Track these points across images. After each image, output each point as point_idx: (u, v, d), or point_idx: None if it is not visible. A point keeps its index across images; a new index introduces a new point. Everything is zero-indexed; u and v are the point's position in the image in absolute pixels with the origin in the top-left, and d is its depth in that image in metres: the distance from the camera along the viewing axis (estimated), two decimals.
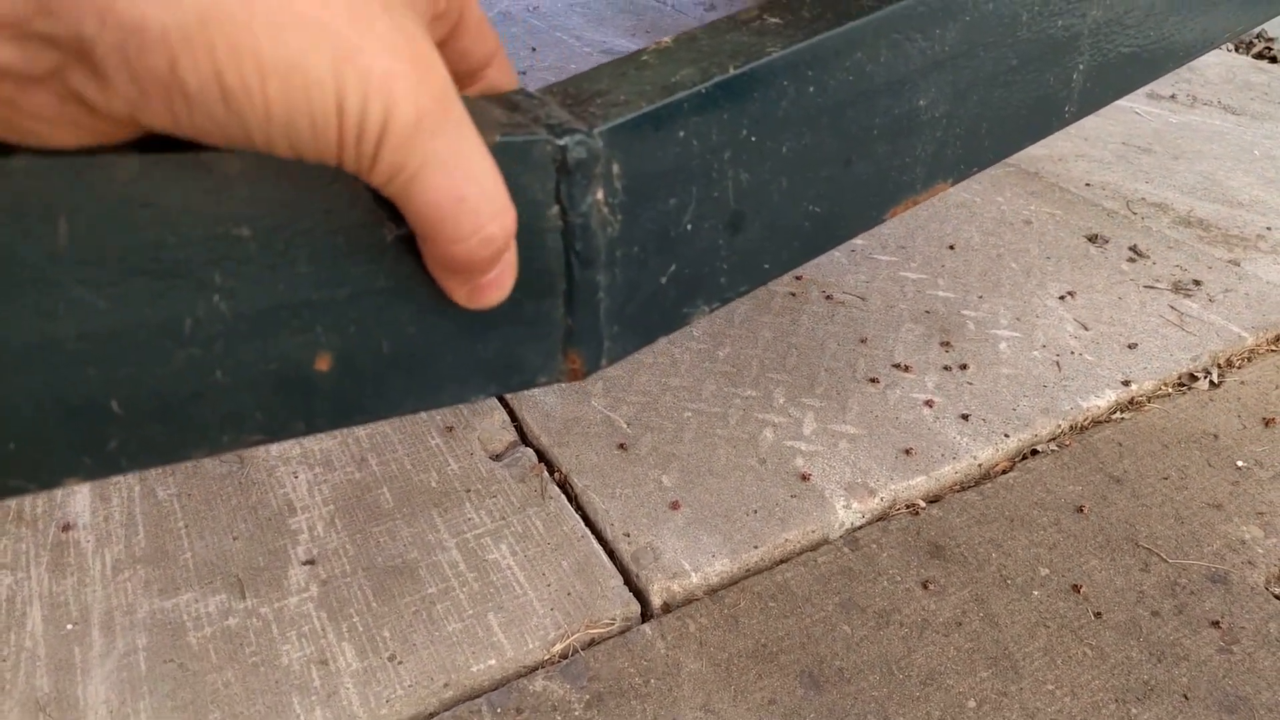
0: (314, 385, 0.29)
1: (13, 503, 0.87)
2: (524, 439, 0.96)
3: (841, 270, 1.25)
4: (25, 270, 0.23)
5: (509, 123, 0.30)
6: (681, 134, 0.36)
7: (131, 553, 0.82)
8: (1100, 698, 0.71)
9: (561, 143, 0.31)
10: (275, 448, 0.94)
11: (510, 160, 0.29)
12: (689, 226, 0.38)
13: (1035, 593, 0.80)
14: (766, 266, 0.43)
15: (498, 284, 0.29)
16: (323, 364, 0.29)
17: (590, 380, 1.03)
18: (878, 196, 0.48)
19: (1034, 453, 0.97)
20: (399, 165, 0.24)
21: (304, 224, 0.27)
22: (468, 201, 0.25)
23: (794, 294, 1.19)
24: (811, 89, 0.40)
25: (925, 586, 0.81)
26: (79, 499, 0.87)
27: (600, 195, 0.33)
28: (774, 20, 0.43)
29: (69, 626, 0.75)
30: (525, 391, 1.01)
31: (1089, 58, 0.56)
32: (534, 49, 2.10)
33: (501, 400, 1.01)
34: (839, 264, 1.26)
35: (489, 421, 0.98)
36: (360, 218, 0.27)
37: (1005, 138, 0.53)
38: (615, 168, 0.33)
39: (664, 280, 0.38)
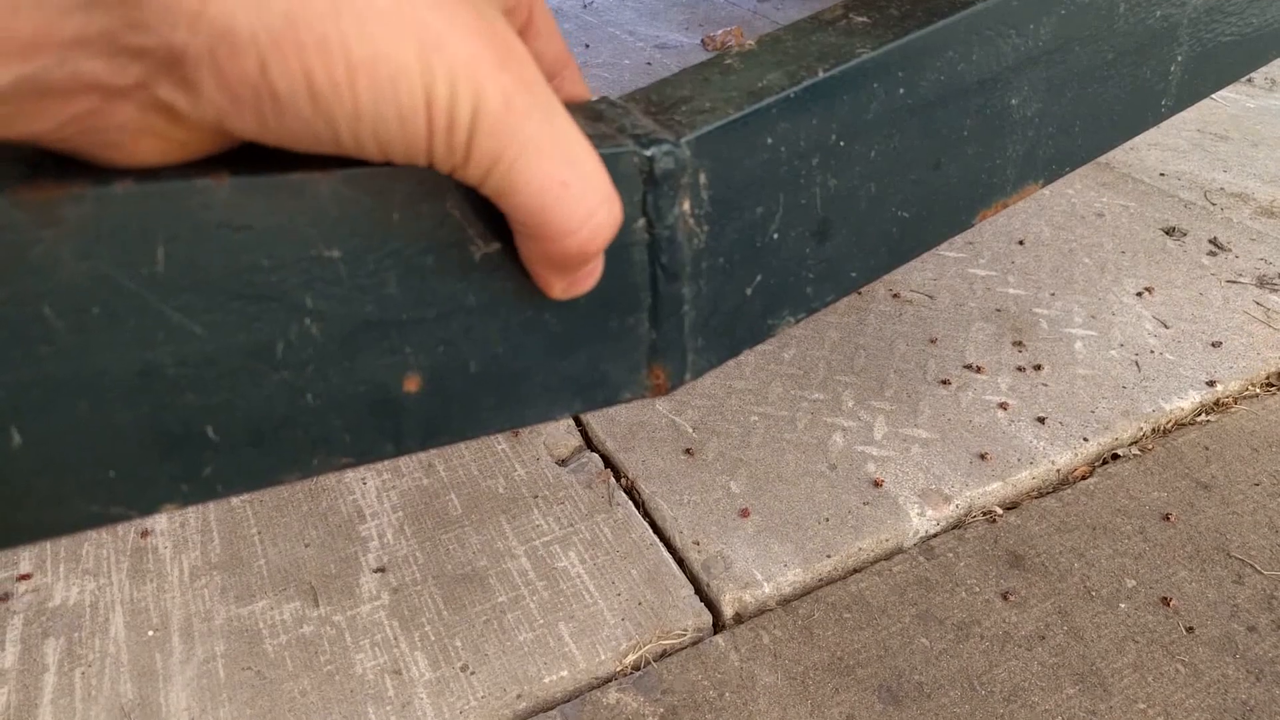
0: (402, 406, 0.29)
1: None
2: (589, 444, 0.96)
3: (908, 268, 1.22)
4: (125, 298, 0.23)
5: (593, 133, 0.29)
6: (769, 141, 0.34)
7: (208, 559, 0.83)
8: (1196, 718, 0.68)
9: (649, 153, 0.30)
10: None
11: None
12: (775, 236, 0.37)
13: (1122, 605, 0.78)
14: (854, 275, 0.42)
15: (593, 273, 0.29)
16: (411, 385, 0.29)
17: None
18: (967, 199, 0.46)
19: (1114, 457, 0.94)
20: (495, 154, 0.23)
21: (393, 244, 0.26)
22: (572, 187, 0.24)
23: (859, 293, 1.17)
24: (901, 90, 0.39)
25: (1005, 598, 0.78)
26: None
27: (687, 206, 0.32)
28: (861, 19, 0.41)
29: (150, 633, 0.76)
30: None
31: (1188, 49, 0.53)
32: (587, 45, 2.09)
33: None
34: None
35: (554, 427, 0.98)
36: (449, 236, 0.27)
37: (1099, 135, 0.51)
38: (702, 178, 0.32)
39: (749, 291, 0.37)
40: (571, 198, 0.24)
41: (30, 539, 0.26)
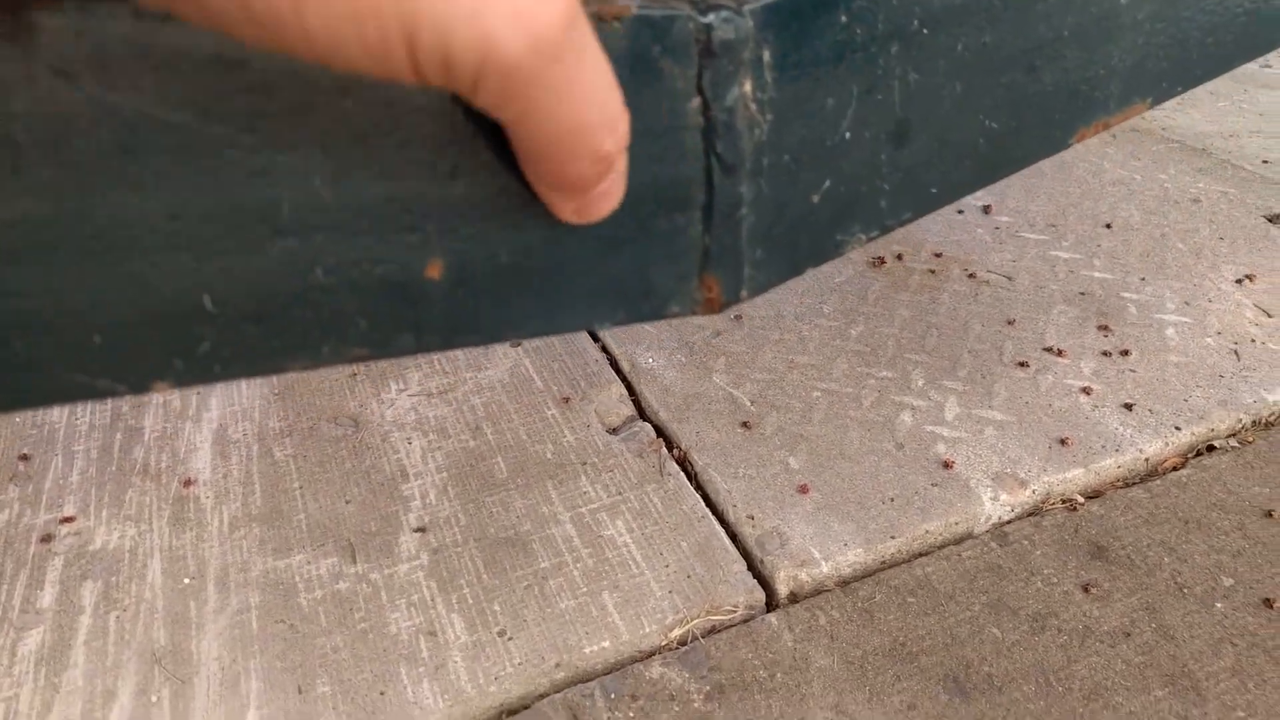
0: (424, 294, 0.25)
1: (139, 456, 0.88)
2: (642, 414, 0.92)
3: (985, 248, 1.15)
4: (110, 129, 0.20)
5: None
6: (843, 19, 0.30)
7: (248, 511, 0.81)
8: None
9: (706, 20, 0.25)
10: (389, 413, 0.92)
11: (647, 39, 0.24)
12: (848, 134, 0.32)
13: (1218, 605, 0.71)
14: (934, 190, 0.37)
15: (608, 194, 0.25)
16: (434, 271, 0.25)
17: (711, 355, 0.98)
18: (1065, 113, 0.41)
19: (1210, 449, 0.86)
20: (505, 101, 0.19)
21: (418, 100, 0.22)
22: (586, 126, 0.21)
23: (933, 271, 1.11)
24: None
25: (1086, 590, 0.72)
26: (200, 456, 0.87)
27: (748, 87, 0.27)
28: None
29: (186, 580, 0.74)
30: (645, 365, 0.97)
31: None
32: None
33: (619, 373, 0.97)
34: (982, 241, 1.17)
35: (606, 395, 0.94)
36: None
37: (1219, 50, 0.45)
38: (766, 55, 0.28)
39: (816, 198, 0.32)
40: (581, 134, 0.21)
41: (7, 407, 0.23)
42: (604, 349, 1.02)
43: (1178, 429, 0.86)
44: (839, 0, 0.30)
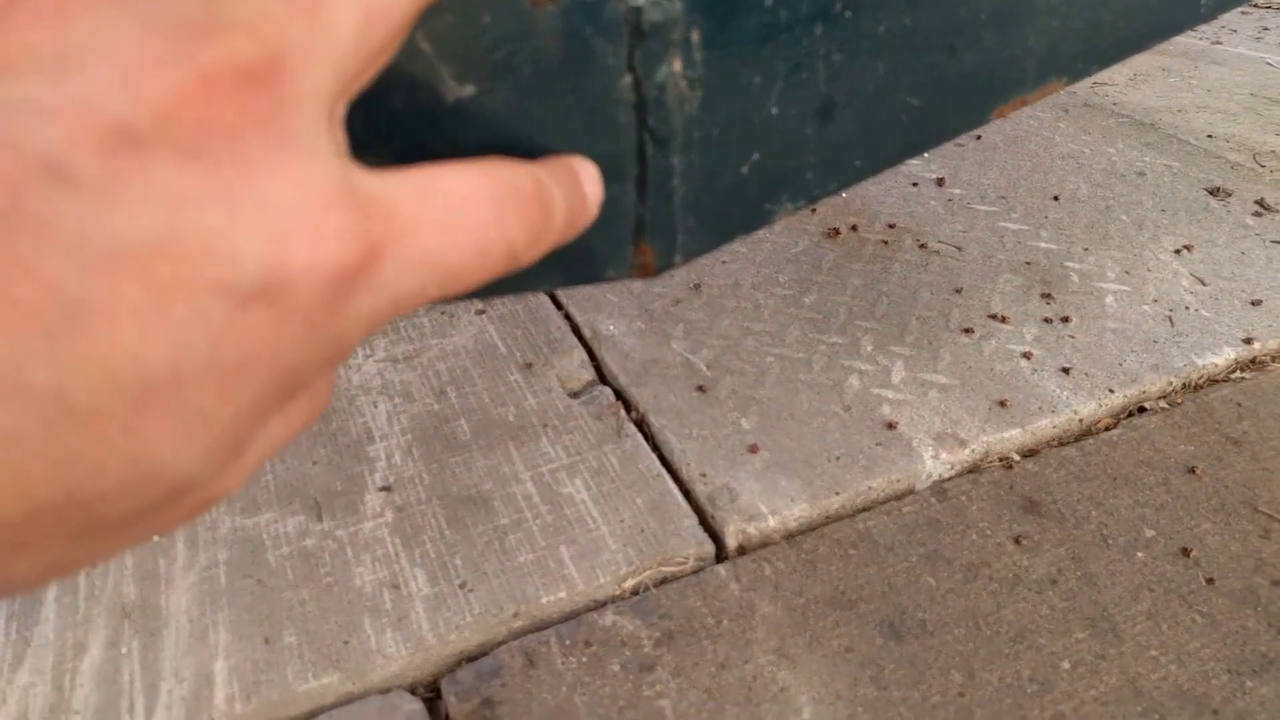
0: None
1: None
2: (602, 378, 0.95)
3: (937, 219, 1.19)
4: None
5: None
6: (769, 2, 0.32)
7: None
8: (1211, 667, 0.66)
9: (636, 3, 0.28)
10: (356, 378, 0.94)
11: (579, 21, 0.27)
12: (775, 110, 0.35)
13: (1139, 554, 0.75)
14: (859, 163, 0.40)
15: (571, 226, 0.25)
16: None
17: (670, 323, 1.01)
18: (984, 92, 0.43)
19: (1141, 410, 0.91)
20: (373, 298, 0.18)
21: None
22: (491, 239, 0.20)
23: (886, 242, 1.14)
24: None
25: (1018, 542, 0.76)
26: None
27: (677, 66, 0.30)
28: None
29: (155, 538, 0.77)
30: (605, 332, 0.99)
31: None
32: None
33: (581, 340, 1.00)
34: (935, 213, 1.20)
35: (568, 360, 0.97)
36: (419, 72, 0.25)
37: (1132, 31, 0.48)
38: (694, 35, 0.30)
39: (745, 170, 0.35)
40: (496, 244, 0.21)
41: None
42: (566, 316, 1.04)
43: (1111, 391, 0.91)
44: None
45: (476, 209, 0.20)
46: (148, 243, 0.14)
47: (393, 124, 0.26)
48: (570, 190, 0.26)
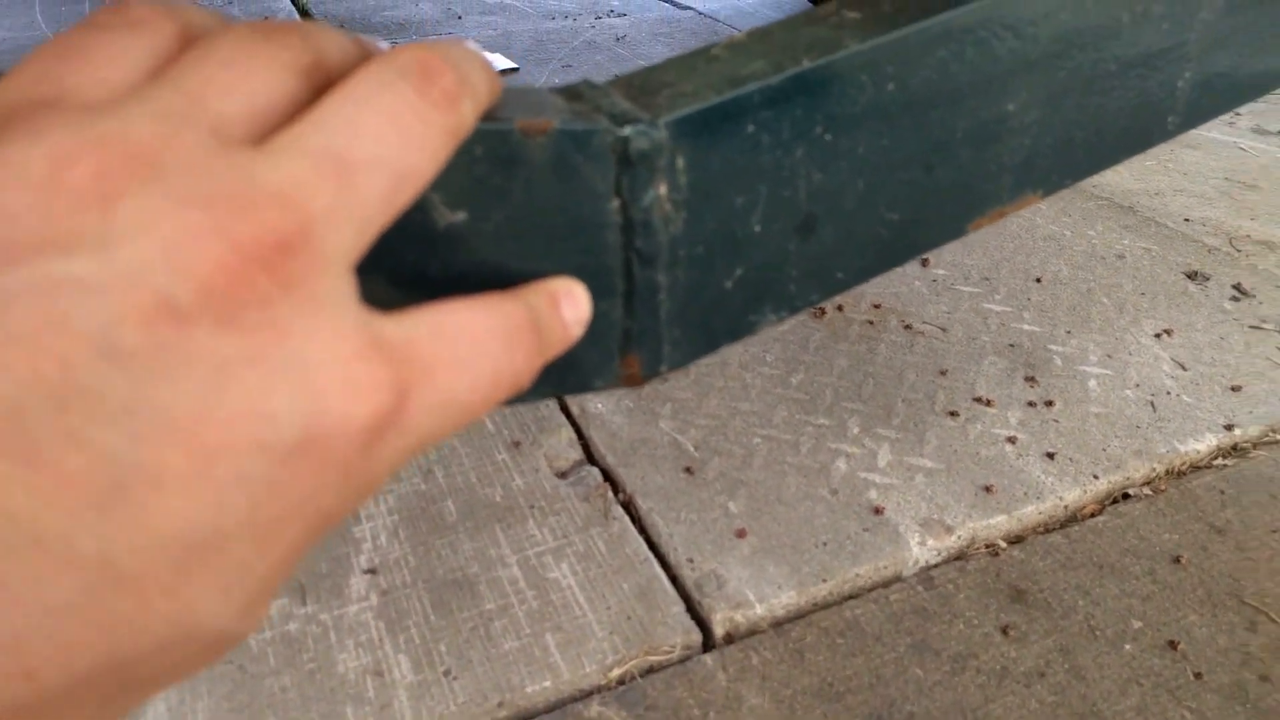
0: None
1: None
2: (590, 458, 0.95)
3: (922, 300, 1.21)
4: None
5: (569, 110, 0.29)
6: (751, 128, 0.34)
7: None
8: None
9: (623, 133, 0.29)
10: None
11: (569, 149, 0.28)
12: (757, 228, 0.36)
13: (1127, 646, 0.75)
14: (840, 275, 0.41)
15: (566, 337, 0.28)
16: None
17: (659, 402, 1.02)
18: (961, 206, 0.45)
19: (1125, 496, 0.91)
20: (417, 441, 0.19)
21: None
22: (501, 371, 0.22)
23: (872, 322, 1.16)
24: (891, 86, 0.38)
25: (1005, 632, 0.76)
26: None
27: (663, 190, 0.31)
28: (852, 15, 0.41)
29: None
30: (594, 410, 1.00)
31: (1196, 65, 0.52)
32: (617, 75, 2.11)
33: (569, 418, 1.00)
34: (919, 294, 1.22)
35: (556, 439, 0.97)
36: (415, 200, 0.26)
37: (1102, 148, 0.50)
38: (679, 161, 0.32)
39: (729, 284, 0.36)
40: (507, 372, 0.22)
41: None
42: None
43: (1096, 477, 0.91)
44: (747, 111, 0.34)
45: (485, 345, 0.21)
46: (191, 410, 0.14)
47: (386, 249, 0.27)
48: (552, 315, 0.27)
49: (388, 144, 0.18)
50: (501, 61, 2.13)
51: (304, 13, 2.64)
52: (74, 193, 0.15)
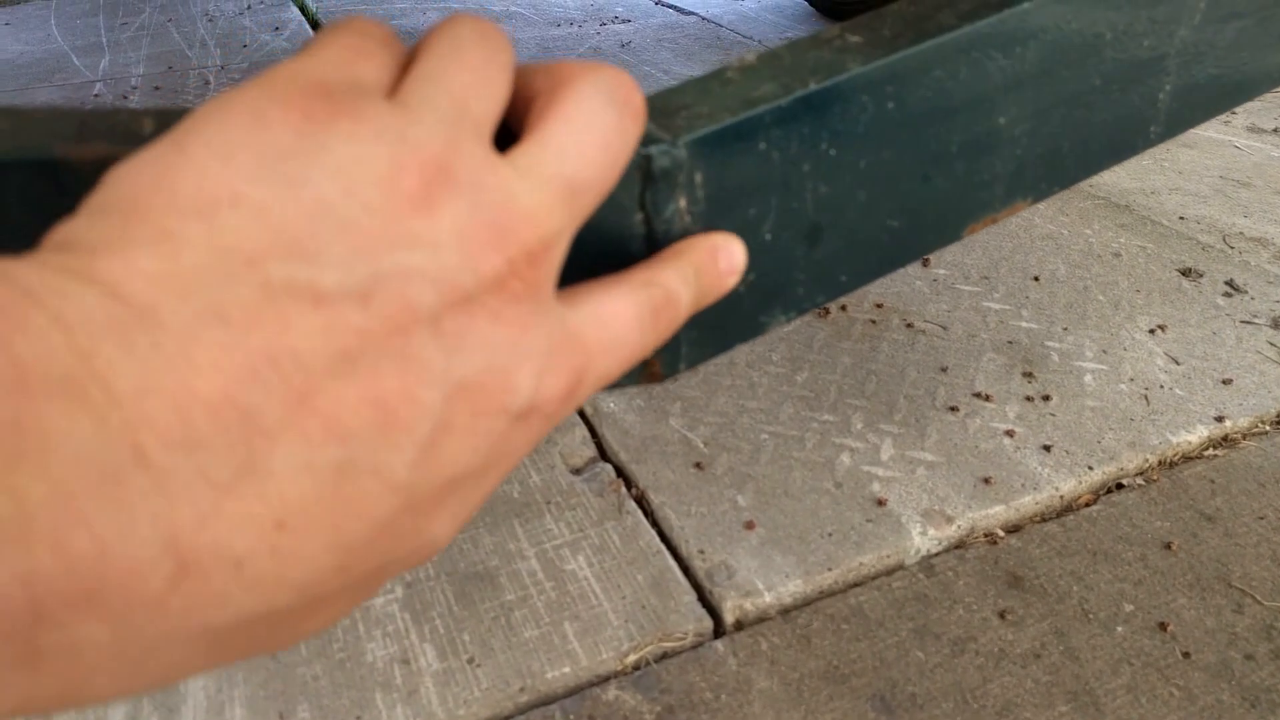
0: None
1: None
2: (603, 455, 0.99)
3: (923, 299, 1.24)
4: None
5: None
6: (762, 146, 0.38)
7: None
8: None
9: (647, 152, 0.33)
10: None
11: None
12: (768, 236, 0.40)
13: (1119, 629, 0.78)
14: (844, 279, 0.45)
15: (716, 291, 0.33)
16: None
17: (668, 400, 1.05)
18: (956, 213, 0.49)
19: (1119, 486, 0.95)
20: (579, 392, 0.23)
21: None
22: (637, 348, 0.26)
23: (874, 321, 1.19)
24: (891, 105, 0.42)
25: (1002, 616, 0.80)
26: None
27: (683, 203, 0.35)
28: (855, 38, 0.45)
29: None
30: (606, 409, 1.04)
31: (1176, 78, 0.56)
32: None
33: (582, 417, 1.04)
34: (920, 293, 1.26)
35: (570, 437, 1.01)
36: None
37: (1088, 157, 0.54)
38: (698, 177, 0.35)
39: (742, 288, 0.40)
40: (655, 318, 0.27)
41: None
42: None
43: (1090, 468, 0.95)
44: (758, 131, 0.37)
45: (631, 330, 0.26)
46: (473, 378, 0.19)
47: None
48: (711, 266, 0.32)
49: (600, 166, 0.23)
50: None
51: (314, 24, 2.68)
52: (409, 198, 0.19)
